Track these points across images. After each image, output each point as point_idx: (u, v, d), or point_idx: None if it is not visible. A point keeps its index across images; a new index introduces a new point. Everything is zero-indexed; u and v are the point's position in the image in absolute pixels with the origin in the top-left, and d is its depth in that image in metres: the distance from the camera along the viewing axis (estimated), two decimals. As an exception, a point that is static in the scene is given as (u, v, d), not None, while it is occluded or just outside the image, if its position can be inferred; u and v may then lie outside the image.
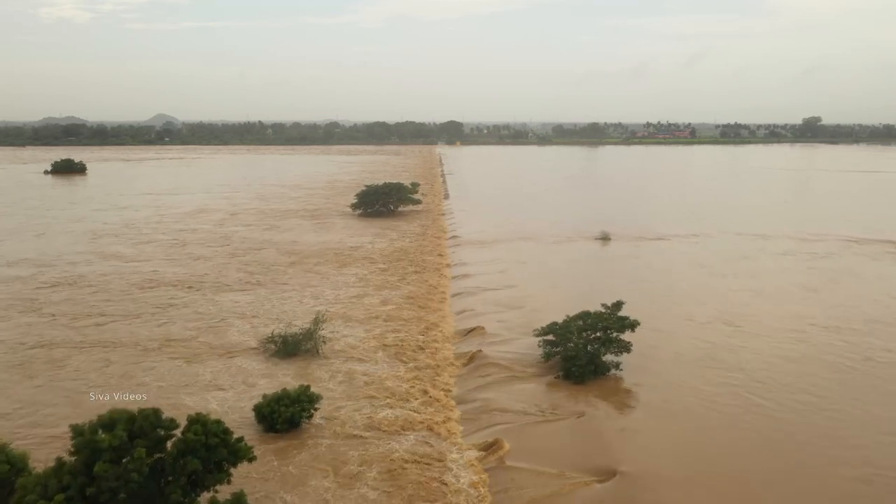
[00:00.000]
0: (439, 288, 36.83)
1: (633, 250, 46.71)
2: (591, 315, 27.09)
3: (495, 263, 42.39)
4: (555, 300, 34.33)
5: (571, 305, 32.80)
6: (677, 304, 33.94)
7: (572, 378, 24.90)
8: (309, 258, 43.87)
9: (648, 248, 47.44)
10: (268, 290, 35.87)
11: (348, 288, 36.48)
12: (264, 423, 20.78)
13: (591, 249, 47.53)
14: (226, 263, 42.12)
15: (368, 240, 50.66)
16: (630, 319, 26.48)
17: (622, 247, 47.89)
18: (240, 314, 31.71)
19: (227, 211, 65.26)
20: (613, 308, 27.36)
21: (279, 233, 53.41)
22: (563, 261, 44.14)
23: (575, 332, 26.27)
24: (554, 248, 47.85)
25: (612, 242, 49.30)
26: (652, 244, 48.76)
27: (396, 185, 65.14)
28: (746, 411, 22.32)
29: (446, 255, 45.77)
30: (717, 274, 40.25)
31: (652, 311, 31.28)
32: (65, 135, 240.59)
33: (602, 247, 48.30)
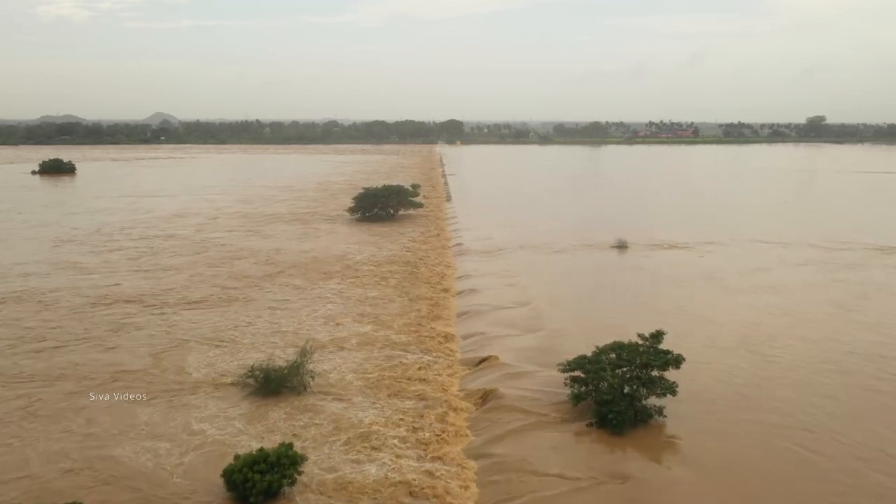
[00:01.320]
0: (443, 306, 31.93)
1: (647, 261, 41.58)
2: (625, 347, 22.27)
3: (505, 276, 37.49)
4: (576, 321, 29.53)
5: (594, 327, 28.31)
6: (694, 325, 28.92)
7: (608, 427, 20.08)
8: (292, 269, 38.92)
9: (662, 258, 42.32)
10: (242, 308, 30.98)
11: (337, 306, 31.60)
12: (235, 493, 16.06)
13: (607, 259, 42.52)
14: (197, 275, 37.24)
15: (363, 248, 45.75)
16: (673, 354, 21.61)
17: (639, 256, 42.89)
18: (206, 338, 26.85)
19: (209, 215, 60.33)
20: (652, 339, 22.48)
21: (262, 239, 48.51)
22: (579, 273, 39.20)
23: (608, 368, 21.48)
24: (568, 257, 42.97)
25: (629, 251, 44.34)
26: (666, 254, 43.59)
27: (396, 188, 60.35)
28: (805, 474, 17.64)
29: (450, 265, 40.76)
30: (734, 289, 35.13)
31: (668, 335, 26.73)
32: (59, 134, 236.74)
33: (619, 256, 43.39)
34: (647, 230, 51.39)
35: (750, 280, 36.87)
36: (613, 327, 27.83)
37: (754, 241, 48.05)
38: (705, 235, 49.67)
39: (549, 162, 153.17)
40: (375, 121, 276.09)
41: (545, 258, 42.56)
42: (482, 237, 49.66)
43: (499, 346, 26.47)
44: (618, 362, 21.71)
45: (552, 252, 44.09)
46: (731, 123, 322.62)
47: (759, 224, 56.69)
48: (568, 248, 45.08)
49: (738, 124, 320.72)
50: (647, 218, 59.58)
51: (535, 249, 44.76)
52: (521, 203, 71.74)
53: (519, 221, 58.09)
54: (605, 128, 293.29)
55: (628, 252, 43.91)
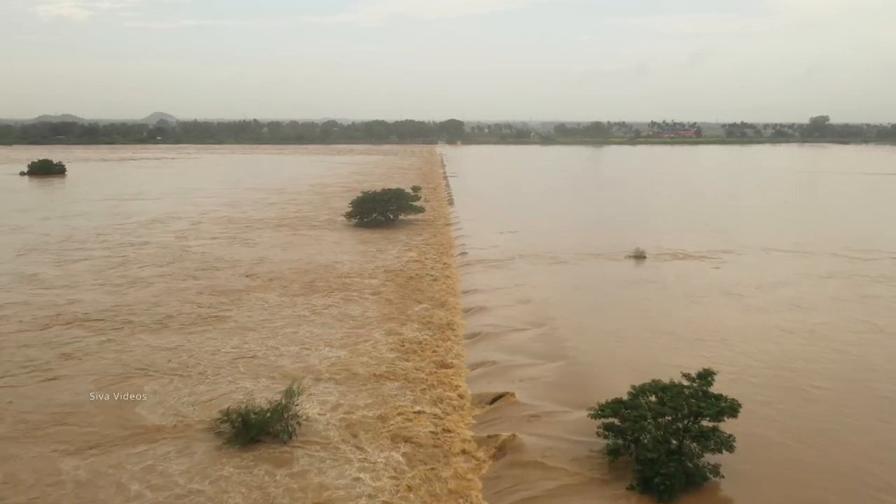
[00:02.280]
0: (448, 328, 27.80)
1: (661, 273, 37.27)
2: (667, 389, 18.24)
3: (516, 291, 33.38)
4: (598, 346, 25.51)
5: (619, 353, 24.69)
6: (717, 352, 24.65)
7: (654, 491, 16.15)
8: (275, 282, 34.82)
9: (675, 270, 37.85)
10: (213, 330, 26.91)
11: (324, 328, 27.60)
12: None
13: (624, 272, 38.13)
14: (168, 289, 33.18)
15: (356, 258, 41.66)
16: (727, 400, 17.58)
17: (653, 268, 38.64)
18: (168, 368, 22.84)
19: (192, 220, 56.20)
20: (701, 381, 18.51)
21: (245, 248, 44.36)
22: (596, 287, 34.93)
23: (650, 416, 17.55)
24: (582, 268, 38.89)
25: (647, 261, 40.20)
26: (680, 266, 39.09)
27: (396, 192, 56.21)
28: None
29: (455, 278, 36.64)
30: (755, 307, 30.71)
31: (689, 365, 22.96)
32: (54, 133, 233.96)
33: (635, 267, 39.21)
34: (658, 237, 47.29)
35: (771, 296, 32.55)
36: (641, 355, 24.14)
37: (770, 249, 43.72)
38: (717, 243, 45.41)
39: (552, 163, 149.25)
40: (375, 121, 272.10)
41: (558, 270, 38.53)
42: (488, 245, 45.61)
43: (513, 379, 22.50)
44: (660, 408, 17.70)
45: (565, 262, 40.03)
46: (733, 123, 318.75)
47: (773, 230, 52.56)
48: (582, 258, 41.03)
49: (740, 124, 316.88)
50: (657, 223, 55.59)
51: (547, 259, 40.73)
52: (528, 207, 67.73)
53: (526, 227, 54.07)
54: (606, 128, 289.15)
55: (644, 263, 39.81)
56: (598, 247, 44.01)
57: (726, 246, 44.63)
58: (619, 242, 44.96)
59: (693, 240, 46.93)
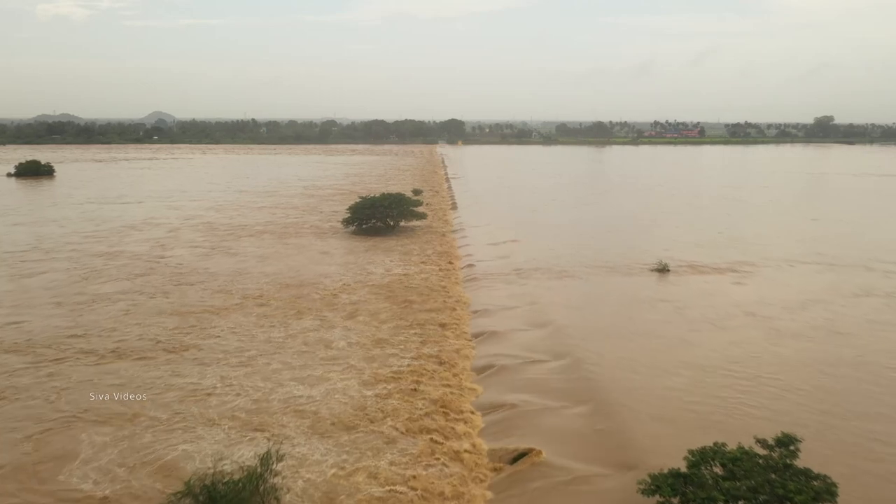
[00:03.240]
0: (456, 358, 23.61)
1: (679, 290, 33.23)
2: (738, 460, 14.12)
3: (531, 312, 29.22)
4: (631, 382, 21.44)
5: (658, 395, 20.65)
6: (752, 391, 20.68)
7: None
8: (253, 301, 30.61)
9: (693, 287, 33.72)
10: (172, 362, 22.83)
11: (309, 359, 23.48)
12: None
13: (646, 288, 33.71)
14: (131, 309, 29.07)
15: (349, 270, 37.43)
16: (822, 479, 13.43)
17: (676, 284, 34.54)
18: (112, 414, 18.76)
19: (172, 226, 52.06)
20: (781, 448, 14.47)
21: (226, 258, 40.26)
22: (618, 308, 30.32)
23: (721, 500, 13.58)
24: (600, 285, 34.64)
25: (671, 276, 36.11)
26: (697, 281, 34.88)
27: (396, 197, 51.97)
28: None
29: (462, 296, 32.30)
30: (787, 332, 26.46)
31: (723, 409, 18.99)
32: (49, 133, 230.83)
33: (658, 283, 35.08)
34: (672, 246, 43.27)
35: (801, 318, 28.30)
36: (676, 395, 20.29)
37: (792, 260, 39.46)
38: (735, 254, 41.28)
39: (556, 164, 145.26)
40: (374, 120, 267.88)
41: (574, 286, 34.41)
42: (496, 256, 41.50)
43: (537, 429, 18.47)
44: (731, 486, 13.70)
45: (580, 277, 35.93)
46: (737, 123, 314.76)
47: (793, 238, 48.24)
48: (598, 272, 36.87)
49: (744, 124, 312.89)
50: (670, 231, 51.39)
51: (561, 273, 36.64)
52: (535, 212, 63.61)
53: (535, 235, 50.06)
54: (609, 128, 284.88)
55: (667, 278, 35.69)
56: (613, 259, 39.90)
57: (744, 256, 40.47)
58: (634, 253, 41.06)
59: (709, 250, 42.86)
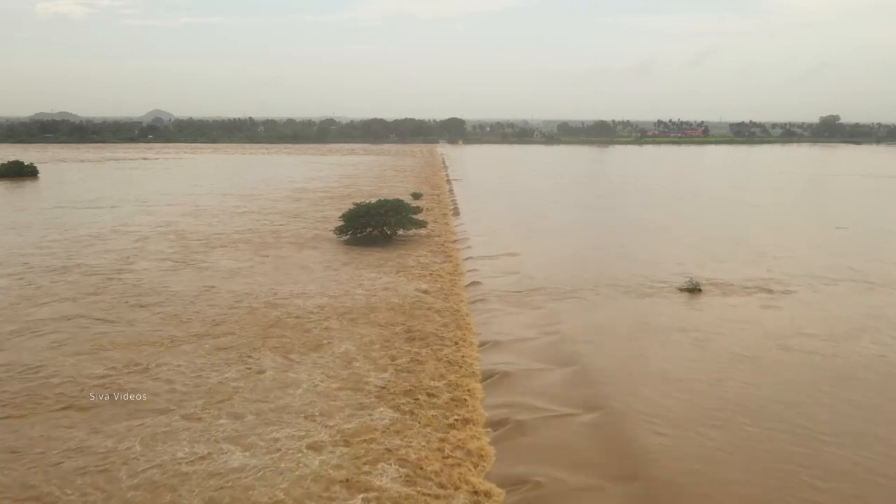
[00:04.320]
0: (465, 411, 19.73)
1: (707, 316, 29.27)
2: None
3: (549, 345, 25.25)
4: (683, 451, 17.88)
5: (721, 474, 16.75)
6: (813, 455, 17.29)
7: None
8: (212, 332, 25.99)
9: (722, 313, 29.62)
10: (100, 419, 18.60)
11: (261, 415, 19.08)
12: None
13: (675, 313, 29.71)
14: (69, 339, 24.92)
15: (333, 291, 32.97)
16: None
17: (701, 308, 30.68)
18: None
19: (141, 234, 47.75)
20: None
21: (194, 273, 36.07)
22: (651, 339, 26.35)
23: None
24: (626, 309, 30.56)
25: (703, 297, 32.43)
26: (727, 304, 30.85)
27: (394, 203, 47.74)
28: None
29: (468, 325, 28.20)
30: (840, 375, 22.31)
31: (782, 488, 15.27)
32: (42, 131, 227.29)
33: (689, 306, 31.30)
34: (690, 259, 39.95)
35: (848, 353, 24.19)
36: (743, 475, 16.32)
37: (824, 278, 35.24)
38: (759, 270, 37.21)
39: (560, 164, 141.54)
40: (373, 119, 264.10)
41: (597, 310, 30.62)
42: (505, 270, 37.75)
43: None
44: None
45: (602, 298, 32.18)
46: (741, 123, 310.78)
47: (821, 250, 44.20)
48: (620, 291, 33.13)
49: (748, 123, 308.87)
50: (686, 241, 47.64)
51: (579, 293, 32.93)
52: (543, 218, 59.86)
53: (546, 245, 46.42)
54: (611, 127, 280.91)
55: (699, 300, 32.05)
56: (629, 274, 35.97)
57: (771, 273, 36.57)
58: (649, 268, 37.46)
59: (730, 264, 39.03)
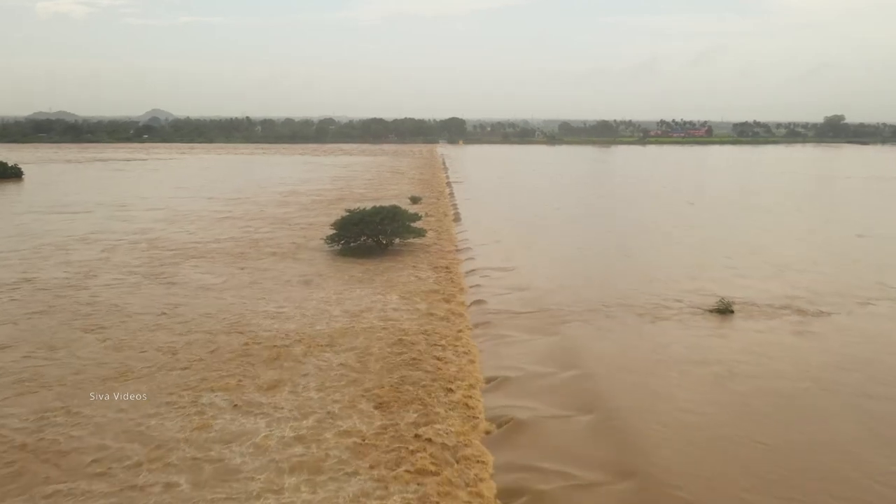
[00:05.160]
0: (470, 476, 15.94)
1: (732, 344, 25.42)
2: None
3: (569, 385, 21.21)
4: None
5: None
6: None
7: None
8: (170, 362, 21.89)
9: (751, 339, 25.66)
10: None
11: (228, 489, 15.20)
12: None
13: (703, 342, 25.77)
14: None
15: (315, 314, 28.42)
16: None
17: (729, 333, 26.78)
18: None
19: (109, 243, 43.28)
20: None
21: (160, 289, 31.68)
22: (678, 370, 22.63)
23: None
24: (647, 334, 26.29)
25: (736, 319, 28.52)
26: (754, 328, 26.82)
27: (390, 211, 43.27)
28: None
29: (470, 352, 24.22)
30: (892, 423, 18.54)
31: None
32: (36, 131, 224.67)
33: (714, 332, 27.20)
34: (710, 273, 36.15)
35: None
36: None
37: (860, 297, 30.91)
38: (785, 286, 32.97)
39: (564, 165, 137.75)
40: (373, 118, 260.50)
41: (614, 333, 26.72)
42: (512, 285, 33.68)
43: None
44: None
45: (619, 321, 28.39)
46: (744, 122, 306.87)
47: (848, 262, 39.74)
48: (639, 313, 29.12)
49: (752, 123, 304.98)
50: (706, 251, 43.67)
51: (596, 313, 28.99)
52: (552, 224, 56.10)
53: (556, 255, 42.60)
54: (613, 127, 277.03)
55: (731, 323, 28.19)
56: (649, 293, 31.98)
57: (795, 289, 32.38)
58: (667, 284, 33.54)
59: (749, 279, 34.74)
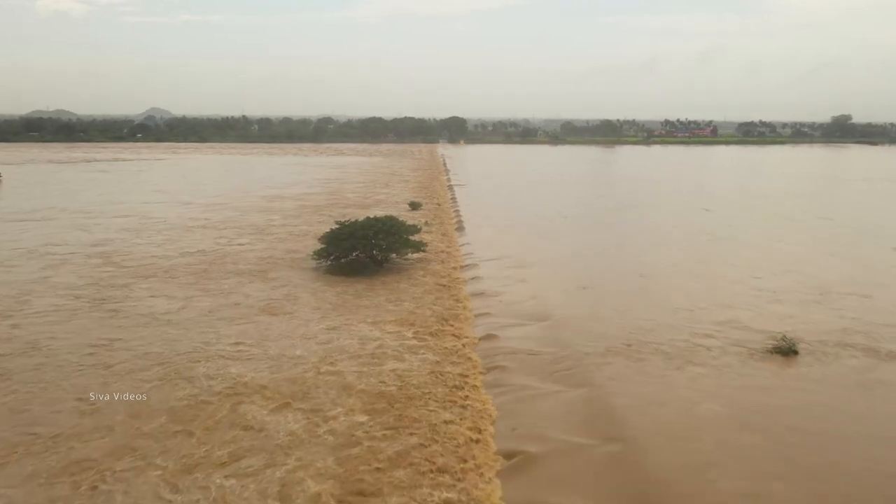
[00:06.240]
0: None
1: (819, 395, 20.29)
2: None
3: (609, 453, 16.04)
4: None
5: None
6: None
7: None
8: (80, 424, 16.96)
9: (837, 391, 20.70)
10: None
11: None
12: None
13: (759, 397, 20.46)
14: None
15: (276, 352, 23.07)
16: None
17: (804, 382, 21.54)
18: None
19: (61, 257, 37.90)
20: None
21: (97, 318, 26.35)
22: (739, 439, 17.98)
23: None
24: (696, 384, 21.06)
25: (801, 363, 23.41)
26: (828, 376, 21.74)
27: (386, 222, 36.74)
28: None
29: (479, 412, 19.22)
30: None
31: None
32: (26, 130, 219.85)
33: (772, 379, 22.07)
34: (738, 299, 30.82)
35: None
36: None
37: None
38: (834, 317, 27.52)
39: (569, 167, 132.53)
40: (372, 117, 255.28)
41: (660, 376, 21.69)
42: (527, 314, 28.08)
43: None
44: None
45: (670, 360, 23.29)
46: (749, 122, 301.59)
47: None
48: (667, 356, 23.66)
49: (758, 123, 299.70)
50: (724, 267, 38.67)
51: (629, 351, 24.03)
52: (564, 233, 50.95)
53: (573, 274, 37.33)
54: (617, 126, 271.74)
55: (802, 367, 23.07)
56: (679, 327, 26.55)
57: (843, 318, 26.91)
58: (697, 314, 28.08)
59: (788, 306, 29.20)
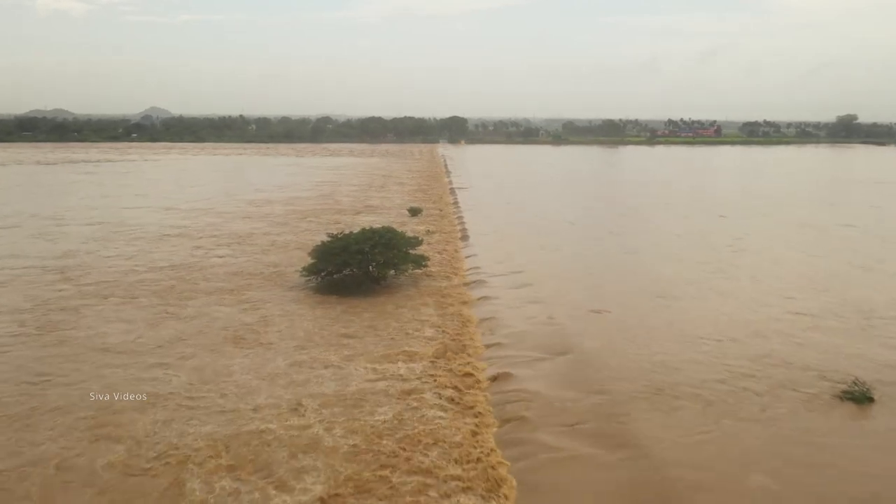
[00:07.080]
0: None
1: None
2: None
3: None
4: None
5: None
6: None
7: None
8: None
9: None
10: None
11: None
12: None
13: (852, 456, 17.37)
14: None
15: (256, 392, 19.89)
16: None
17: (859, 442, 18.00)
18: None
19: (13, 273, 34.28)
20: None
21: (38, 348, 22.79)
22: None
23: None
24: (748, 434, 18.43)
25: (879, 413, 19.71)
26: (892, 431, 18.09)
27: (384, 235, 32.54)
28: None
29: (496, 492, 15.47)
30: None
31: None
32: (19, 129, 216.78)
33: (864, 440, 18.59)
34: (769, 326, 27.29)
35: None
36: None
37: None
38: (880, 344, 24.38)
39: (574, 168, 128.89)
40: (371, 117, 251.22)
41: (719, 433, 18.10)
42: (544, 346, 24.12)
43: None
44: None
45: (716, 406, 19.55)
46: (753, 122, 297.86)
47: None
48: (708, 402, 20.07)
49: (762, 123, 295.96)
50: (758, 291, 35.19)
51: (663, 396, 20.31)
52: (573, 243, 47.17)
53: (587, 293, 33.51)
54: (620, 126, 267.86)
55: (874, 417, 19.35)
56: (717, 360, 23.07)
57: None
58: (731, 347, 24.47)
59: (836, 336, 25.49)
